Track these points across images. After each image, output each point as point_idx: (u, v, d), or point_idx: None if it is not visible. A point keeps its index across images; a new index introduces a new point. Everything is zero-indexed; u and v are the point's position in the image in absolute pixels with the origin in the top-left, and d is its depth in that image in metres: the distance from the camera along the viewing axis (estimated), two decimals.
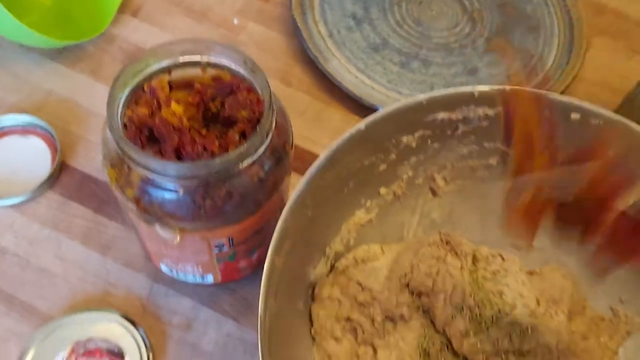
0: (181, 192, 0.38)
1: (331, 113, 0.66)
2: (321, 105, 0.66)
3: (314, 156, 0.63)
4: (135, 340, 0.50)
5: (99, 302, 0.52)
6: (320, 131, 0.64)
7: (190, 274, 0.48)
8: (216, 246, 0.44)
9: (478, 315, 0.44)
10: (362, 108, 0.66)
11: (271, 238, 0.46)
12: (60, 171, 0.58)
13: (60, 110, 0.62)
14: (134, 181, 0.39)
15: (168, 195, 0.38)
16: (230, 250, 0.45)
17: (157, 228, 0.41)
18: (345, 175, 0.48)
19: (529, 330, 0.43)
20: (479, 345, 0.43)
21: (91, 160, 0.60)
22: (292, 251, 0.44)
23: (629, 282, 0.52)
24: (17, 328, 0.51)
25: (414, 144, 0.50)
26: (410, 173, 0.53)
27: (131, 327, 0.50)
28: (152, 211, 0.39)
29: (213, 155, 0.38)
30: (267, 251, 0.43)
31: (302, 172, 0.61)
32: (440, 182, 0.54)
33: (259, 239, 0.47)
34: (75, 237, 0.55)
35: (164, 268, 0.50)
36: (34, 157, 0.59)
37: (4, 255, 0.54)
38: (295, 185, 0.42)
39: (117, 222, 0.57)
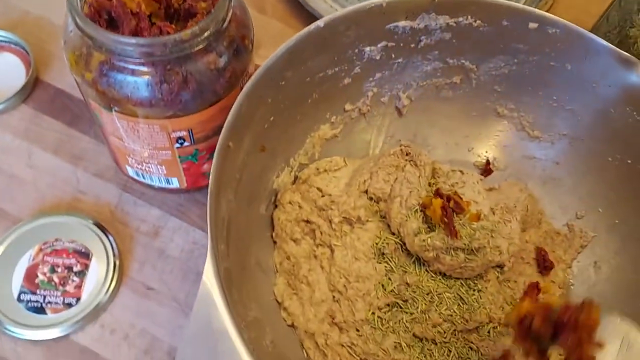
0: (138, 74, 0.39)
1: (289, 34, 0.67)
2: (295, 32, 0.67)
3: None
4: (103, 243, 0.51)
5: (68, 208, 0.54)
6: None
7: (155, 175, 0.50)
8: (177, 140, 0.45)
9: (431, 217, 0.45)
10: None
11: None
12: (34, 86, 0.59)
13: (35, 29, 0.63)
14: (93, 64, 0.40)
15: (125, 78, 0.39)
16: (192, 147, 0.46)
17: (116, 116, 0.42)
18: (309, 83, 0.49)
19: (480, 230, 0.45)
20: (429, 242, 0.44)
21: (65, 76, 0.60)
22: (252, 152, 0.46)
23: (586, 198, 0.53)
24: None
25: (377, 56, 0.51)
26: (375, 90, 0.54)
27: (99, 231, 0.52)
28: (110, 95, 0.40)
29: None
30: None
31: None
32: (405, 101, 0.55)
33: None
34: (47, 148, 0.56)
35: (130, 171, 0.51)
36: (8, 71, 0.60)
37: None
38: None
39: (89, 136, 0.58)
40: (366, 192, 0.50)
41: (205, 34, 0.39)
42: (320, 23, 0.45)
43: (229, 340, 0.31)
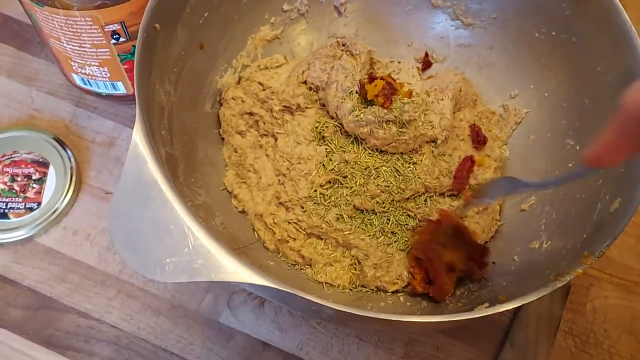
0: None
1: None
2: None
3: None
4: (59, 153, 0.53)
5: (24, 124, 0.56)
6: None
7: (100, 80, 0.52)
8: (112, 35, 0.46)
9: (364, 98, 0.48)
10: None
11: None
12: None
13: None
14: None
15: None
16: (129, 43, 0.48)
17: (48, 10, 0.44)
18: None
19: (410, 104, 0.47)
20: (362, 117, 0.46)
21: (12, 3, 0.62)
22: (190, 48, 0.48)
23: (518, 78, 0.55)
24: None
25: None
26: None
27: (55, 143, 0.54)
28: None
29: None
30: None
31: None
32: None
33: None
34: (0, 72, 0.58)
35: (77, 79, 0.53)
36: None
37: None
38: None
39: (40, 57, 0.59)
40: (305, 82, 0.52)
41: None
42: None
43: (159, 188, 0.34)
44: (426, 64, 0.59)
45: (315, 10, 0.57)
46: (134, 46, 0.48)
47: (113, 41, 0.47)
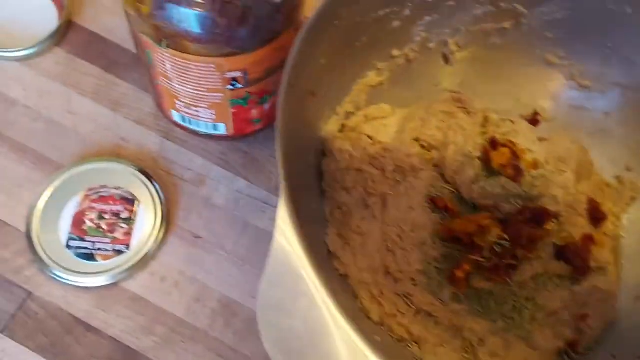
0: (196, 6, 0.38)
1: None
2: None
3: None
4: (149, 190, 0.50)
5: (110, 154, 0.53)
6: None
7: (203, 120, 0.48)
8: (230, 81, 0.43)
9: (488, 164, 0.45)
10: None
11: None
12: (67, 28, 0.57)
13: None
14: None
15: (183, 11, 0.38)
16: (244, 89, 0.45)
17: (169, 53, 0.41)
18: (360, 24, 0.47)
19: (539, 178, 0.44)
20: (488, 189, 0.43)
21: (99, 19, 0.58)
22: (303, 97, 0.45)
23: (636, 150, 0.52)
24: (30, 175, 0.51)
25: None
26: (423, 35, 0.52)
27: (144, 178, 0.51)
28: (166, 29, 0.39)
29: None
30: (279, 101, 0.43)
31: None
32: (453, 47, 0.54)
33: (272, 82, 0.47)
34: (86, 93, 0.55)
35: (176, 116, 0.50)
36: (37, 11, 0.57)
37: (13, 106, 0.54)
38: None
39: (127, 81, 0.56)
40: (417, 139, 0.49)
41: None
42: None
43: (308, 282, 0.31)
44: (534, 122, 0.56)
45: (423, 57, 0.54)
46: (248, 92, 0.46)
47: (229, 87, 0.44)
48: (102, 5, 0.59)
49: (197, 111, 0.47)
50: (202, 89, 0.44)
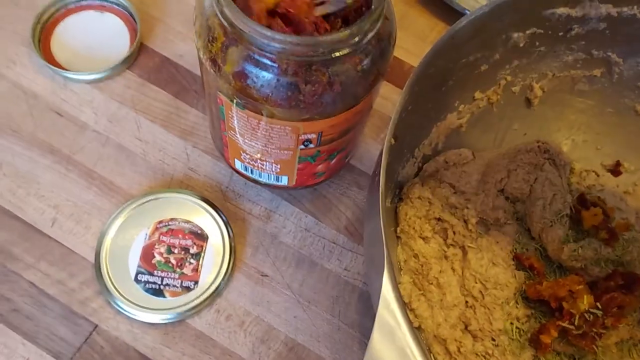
0: (282, 73, 0.36)
1: (414, 17, 0.63)
2: (403, 7, 0.63)
3: (399, 61, 0.61)
4: (217, 224, 0.49)
5: (179, 185, 0.52)
6: (403, 35, 0.61)
7: (266, 172, 0.47)
8: (304, 142, 0.42)
9: (578, 224, 0.43)
10: (448, 12, 0.62)
11: (353, 143, 0.45)
12: (139, 52, 0.57)
13: None
14: (232, 58, 0.36)
15: (268, 76, 0.36)
16: (315, 148, 0.43)
17: (245, 114, 0.39)
18: (450, 69, 0.45)
19: (632, 242, 0.42)
20: (580, 251, 0.41)
21: (170, 44, 0.57)
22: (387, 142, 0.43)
23: None
24: (98, 202, 0.50)
25: (521, 44, 0.47)
26: (509, 78, 0.50)
27: (213, 211, 0.50)
28: (248, 92, 0.37)
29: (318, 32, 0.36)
30: (345, 156, 0.41)
31: (389, 80, 0.59)
32: (537, 91, 0.52)
33: (344, 141, 0.45)
34: (155, 119, 0.54)
35: (238, 165, 0.48)
36: (110, 34, 0.57)
37: (84, 130, 0.53)
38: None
39: (197, 109, 0.55)
40: (502, 191, 0.47)
41: (365, 37, 0.36)
42: (485, 8, 0.41)
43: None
44: (616, 173, 0.53)
45: (505, 99, 0.52)
46: (318, 151, 0.44)
47: (302, 147, 0.42)
48: (174, 29, 0.58)
49: (261, 164, 0.46)
50: (273, 147, 0.43)
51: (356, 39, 0.36)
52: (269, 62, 0.36)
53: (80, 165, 0.51)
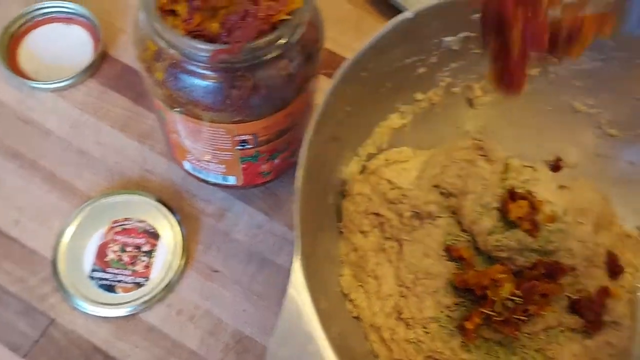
0: (209, 78, 0.38)
1: (372, 23, 0.66)
2: (362, 13, 0.66)
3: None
4: (170, 224, 0.52)
5: (135, 186, 0.54)
6: (357, 38, 0.63)
7: (212, 172, 0.49)
8: (240, 142, 0.44)
9: (505, 215, 0.45)
10: (396, 13, 0.64)
11: (296, 143, 0.46)
12: (101, 60, 0.59)
13: (103, 2, 0.62)
14: (163, 65, 0.39)
15: (196, 82, 0.39)
16: (254, 149, 0.46)
17: (182, 117, 0.42)
18: (386, 72, 0.47)
19: (555, 232, 0.44)
20: (504, 241, 0.43)
21: (131, 52, 0.60)
22: (326, 142, 0.45)
23: None
24: (59, 204, 0.53)
25: (456, 47, 0.49)
26: (448, 80, 0.52)
27: (167, 211, 0.52)
28: (178, 97, 0.40)
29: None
30: (290, 155, 0.43)
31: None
32: (477, 92, 0.54)
33: (283, 142, 0.47)
34: (114, 125, 0.57)
35: (187, 166, 0.51)
36: (75, 45, 0.60)
37: (48, 136, 0.56)
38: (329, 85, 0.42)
39: (155, 113, 0.58)
40: (437, 186, 0.49)
41: (282, 42, 0.38)
42: (409, 15, 0.44)
43: (317, 343, 0.32)
44: (556, 168, 0.55)
45: (447, 100, 0.54)
46: (258, 151, 0.46)
47: (239, 147, 0.45)
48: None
49: (207, 165, 0.48)
50: (212, 148, 0.45)
51: (278, 44, 0.38)
52: (196, 69, 0.39)
53: (43, 170, 0.54)
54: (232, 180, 0.51)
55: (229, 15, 0.37)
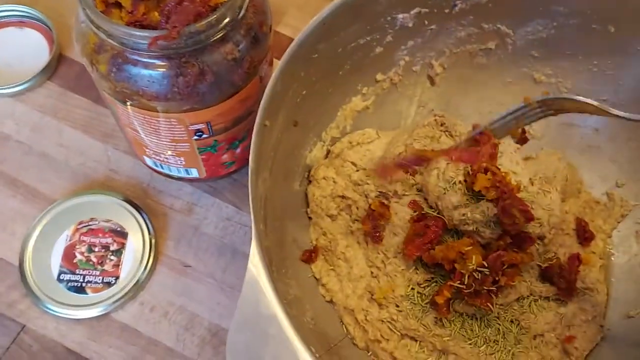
0: (152, 67, 0.38)
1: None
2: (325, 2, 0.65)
3: None
4: (137, 221, 0.51)
5: (100, 187, 0.54)
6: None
7: (174, 166, 0.49)
8: (196, 133, 0.43)
9: (470, 189, 0.45)
10: None
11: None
12: (58, 62, 0.59)
13: (56, 3, 0.61)
14: (105, 57, 0.38)
15: (139, 71, 0.38)
16: (211, 138, 0.45)
17: (131, 109, 0.41)
18: (341, 53, 0.47)
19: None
20: (469, 215, 0.43)
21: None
22: (286, 128, 0.45)
23: (626, 166, 0.52)
24: (23, 209, 0.52)
25: (410, 24, 0.49)
26: (407, 59, 0.52)
27: (133, 209, 0.52)
28: (124, 89, 0.39)
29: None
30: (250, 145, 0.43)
31: None
32: (438, 69, 0.54)
33: (241, 129, 0.46)
34: (76, 126, 0.56)
35: (148, 161, 0.50)
36: (31, 48, 0.59)
37: (6, 141, 0.55)
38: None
39: None
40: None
41: (222, 24, 0.37)
42: None
43: (278, 324, 0.31)
44: (522, 140, 0.55)
45: (408, 79, 0.54)
46: (216, 140, 0.46)
47: (195, 137, 0.44)
48: None
49: (166, 158, 0.48)
50: (168, 140, 0.44)
51: (216, 28, 0.37)
52: (137, 58, 0.38)
53: (4, 175, 0.53)
54: (194, 173, 0.50)
55: (166, 2, 0.36)
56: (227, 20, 0.38)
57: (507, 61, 0.53)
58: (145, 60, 0.38)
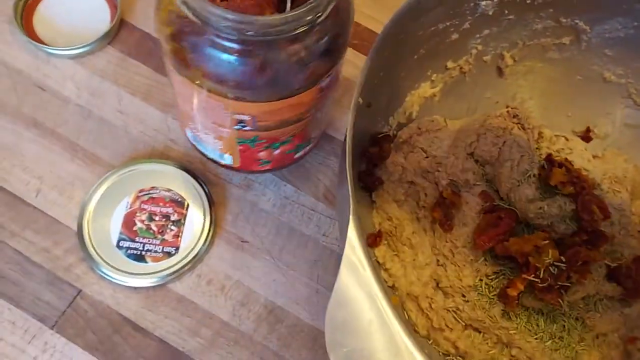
0: (219, 48, 0.37)
1: None
2: None
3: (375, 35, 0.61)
4: (198, 193, 0.51)
5: (160, 156, 0.53)
6: (379, 8, 0.62)
7: (210, 146, 0.48)
8: (239, 122, 0.42)
9: (544, 183, 0.44)
10: None
11: (302, 139, 0.46)
12: (119, 27, 0.58)
13: None
14: (171, 19, 0.38)
15: (205, 49, 0.37)
16: (253, 132, 0.44)
17: (185, 82, 0.40)
18: (421, 37, 0.46)
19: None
20: (545, 209, 0.43)
21: (149, 19, 0.58)
22: (360, 108, 0.44)
23: None
24: (81, 174, 0.51)
25: (490, 12, 0.48)
26: (480, 47, 0.52)
27: (194, 180, 0.51)
28: (184, 61, 0.38)
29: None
30: (294, 149, 0.41)
31: (360, 50, 0.60)
32: (508, 60, 0.53)
33: (286, 132, 0.45)
34: (136, 93, 0.55)
35: (189, 134, 0.49)
36: (92, 11, 0.58)
37: (66, 104, 0.54)
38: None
39: None
40: (472, 154, 0.48)
41: (298, 23, 0.36)
42: None
43: (376, 305, 0.31)
44: (586, 139, 0.55)
45: (477, 69, 0.53)
46: (257, 136, 0.44)
47: (237, 127, 0.43)
48: (153, 6, 0.59)
49: (206, 137, 0.47)
50: (209, 120, 0.43)
51: (289, 26, 0.35)
52: (208, 37, 0.37)
53: (63, 138, 0.53)
54: (228, 160, 0.49)
55: None
56: (307, 18, 0.36)
57: (579, 57, 0.53)
58: (213, 38, 0.36)
